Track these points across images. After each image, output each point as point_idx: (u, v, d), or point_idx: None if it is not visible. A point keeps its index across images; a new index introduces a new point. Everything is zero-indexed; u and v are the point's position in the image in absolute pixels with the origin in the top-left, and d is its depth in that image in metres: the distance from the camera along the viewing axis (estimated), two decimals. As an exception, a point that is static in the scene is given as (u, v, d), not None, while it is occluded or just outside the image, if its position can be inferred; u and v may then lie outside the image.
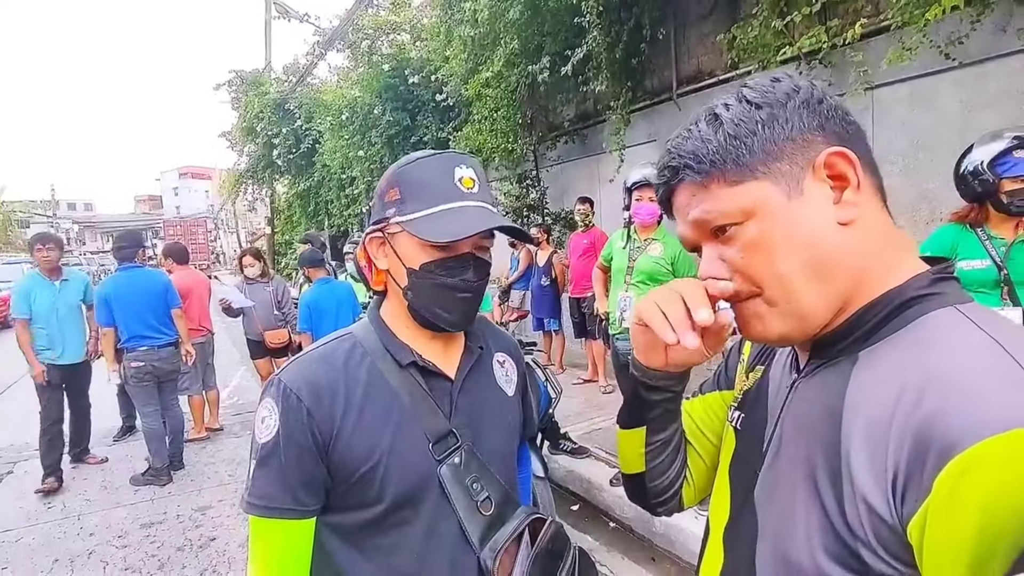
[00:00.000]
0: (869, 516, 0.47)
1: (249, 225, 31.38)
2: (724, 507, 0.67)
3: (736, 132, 0.56)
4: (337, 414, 0.87)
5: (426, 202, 0.89)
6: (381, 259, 0.96)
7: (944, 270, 0.55)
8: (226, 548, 3.29)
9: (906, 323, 0.52)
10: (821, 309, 0.55)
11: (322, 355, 0.93)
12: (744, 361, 0.77)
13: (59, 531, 3.59)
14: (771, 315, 0.57)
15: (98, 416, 4.83)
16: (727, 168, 0.56)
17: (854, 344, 0.55)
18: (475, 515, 0.92)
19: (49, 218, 41.41)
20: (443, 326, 0.94)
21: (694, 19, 5.56)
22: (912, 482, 0.44)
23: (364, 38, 9.33)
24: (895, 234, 0.57)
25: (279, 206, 17.12)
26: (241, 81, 13.99)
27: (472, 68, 6.49)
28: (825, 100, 0.57)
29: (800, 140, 0.55)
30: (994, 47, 3.61)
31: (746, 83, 0.59)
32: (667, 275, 3.11)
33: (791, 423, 0.59)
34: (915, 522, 0.43)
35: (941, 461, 0.42)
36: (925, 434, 0.44)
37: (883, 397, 0.48)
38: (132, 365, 4.18)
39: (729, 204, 0.57)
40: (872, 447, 0.47)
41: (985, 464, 0.40)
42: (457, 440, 0.93)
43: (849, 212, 0.54)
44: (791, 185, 0.55)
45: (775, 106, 0.56)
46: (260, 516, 0.87)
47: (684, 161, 0.59)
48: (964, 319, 0.50)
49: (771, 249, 0.55)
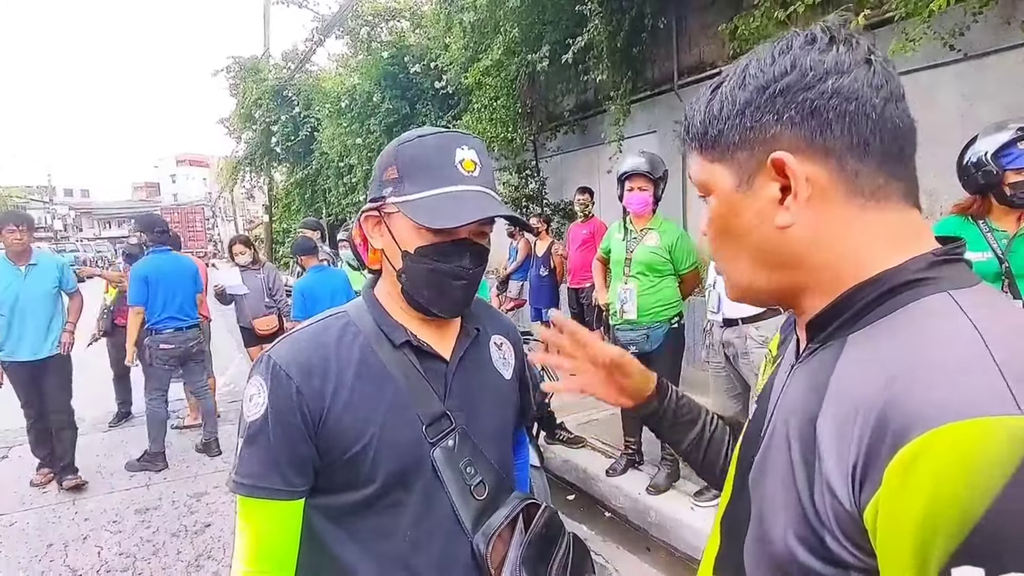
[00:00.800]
0: (832, 501, 0.46)
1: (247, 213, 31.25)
2: (727, 494, 0.68)
3: (717, 112, 0.58)
4: (328, 392, 0.85)
5: (424, 184, 0.86)
6: (376, 238, 0.94)
7: (950, 252, 0.53)
8: (221, 534, 3.30)
9: (897, 307, 0.51)
10: (766, 286, 0.60)
11: (314, 332, 0.91)
12: (770, 356, 0.77)
13: (53, 516, 3.59)
14: (727, 276, 0.64)
15: (94, 401, 4.83)
16: (705, 144, 0.60)
17: (844, 327, 0.54)
18: (468, 499, 0.91)
19: (45, 204, 41.27)
20: (436, 312, 0.92)
21: (696, 9, 5.52)
22: (869, 468, 0.43)
23: (363, 25, 9.26)
24: (872, 221, 0.54)
25: (277, 194, 17.04)
26: (239, 67, 13.88)
27: (472, 56, 6.45)
28: (823, 81, 0.52)
29: (764, 133, 0.55)
30: (997, 40, 3.59)
31: (759, 50, 0.57)
32: (665, 264, 3.09)
33: (782, 407, 0.59)
34: (870, 509, 0.43)
35: (894, 448, 0.41)
36: (884, 421, 0.43)
37: (857, 382, 0.48)
38: (162, 347, 4.20)
39: (702, 176, 0.61)
40: (840, 433, 0.47)
41: (933, 453, 0.39)
42: (451, 423, 0.92)
43: (784, 218, 0.55)
44: (743, 177, 0.57)
45: (757, 91, 0.55)
46: (247, 496, 0.85)
47: (685, 122, 0.64)
48: (954, 306, 0.48)
49: (716, 229, 0.61)
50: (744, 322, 2.84)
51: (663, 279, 3.10)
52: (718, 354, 3.00)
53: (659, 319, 3.08)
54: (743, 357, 2.85)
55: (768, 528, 0.54)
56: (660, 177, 3.11)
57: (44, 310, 3.89)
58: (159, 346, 4.20)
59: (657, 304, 3.08)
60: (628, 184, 3.13)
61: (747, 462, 0.63)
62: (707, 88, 0.61)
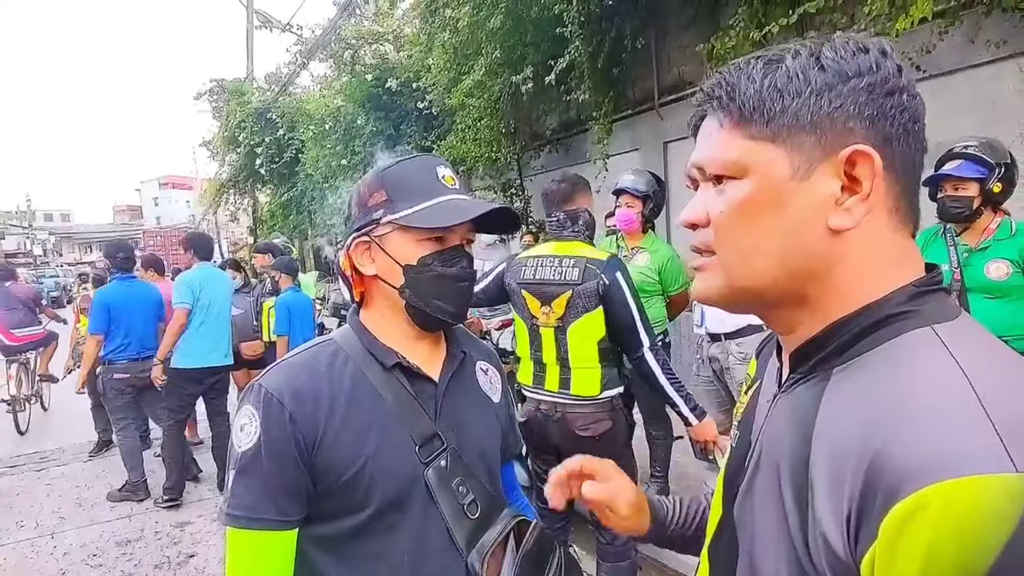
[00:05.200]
0: (826, 550, 0.45)
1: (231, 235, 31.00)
2: (714, 523, 0.66)
3: (784, 85, 0.52)
4: (321, 418, 0.86)
5: (417, 199, 0.91)
6: (367, 265, 0.95)
7: (929, 280, 0.52)
8: (206, 565, 3.22)
9: (879, 343, 0.49)
10: (771, 290, 0.54)
11: (304, 360, 0.93)
12: (747, 379, 0.76)
13: (31, 550, 3.49)
14: (717, 275, 0.56)
15: (74, 430, 4.72)
16: (754, 119, 0.53)
17: (829, 359, 0.52)
18: (462, 519, 0.92)
19: (24, 229, 40.62)
20: (444, 319, 0.95)
21: (675, 29, 5.64)
22: (863, 521, 0.43)
23: (346, 48, 9.31)
24: (899, 255, 0.53)
25: (262, 216, 16.95)
26: (222, 90, 13.89)
27: (455, 77, 6.51)
28: (899, 94, 0.51)
29: (840, 123, 0.50)
30: (963, 59, 3.71)
31: (834, 40, 0.53)
32: (654, 286, 3.10)
33: (767, 440, 0.57)
34: (866, 561, 0.42)
35: (888, 502, 0.41)
36: (875, 471, 0.42)
37: (847, 427, 0.46)
38: (116, 377, 4.08)
39: (734, 155, 0.54)
40: (832, 480, 0.46)
41: (930, 512, 0.39)
42: (443, 443, 0.93)
43: (843, 219, 0.51)
44: (802, 164, 0.51)
45: (839, 76, 0.51)
46: (241, 528, 0.85)
47: (721, 91, 0.55)
48: (937, 343, 0.47)
49: (747, 217, 0.53)
50: (726, 337, 2.86)
51: (650, 299, 3.12)
52: (707, 368, 3.02)
53: None
54: (727, 372, 2.87)
55: (759, 565, 0.54)
56: (647, 194, 3.13)
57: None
58: (112, 376, 4.08)
59: None
60: (619, 200, 3.17)
61: (731, 491, 0.62)
62: (753, 60, 0.55)
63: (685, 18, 5.45)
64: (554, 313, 2.10)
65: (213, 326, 3.99)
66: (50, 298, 22.14)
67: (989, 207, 2.33)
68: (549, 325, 2.13)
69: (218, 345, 4.04)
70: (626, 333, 2.07)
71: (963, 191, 2.28)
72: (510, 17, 5.55)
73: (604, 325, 2.07)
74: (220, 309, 4.06)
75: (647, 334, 2.07)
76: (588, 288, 2.04)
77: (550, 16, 5.35)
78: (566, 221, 2.18)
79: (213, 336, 3.99)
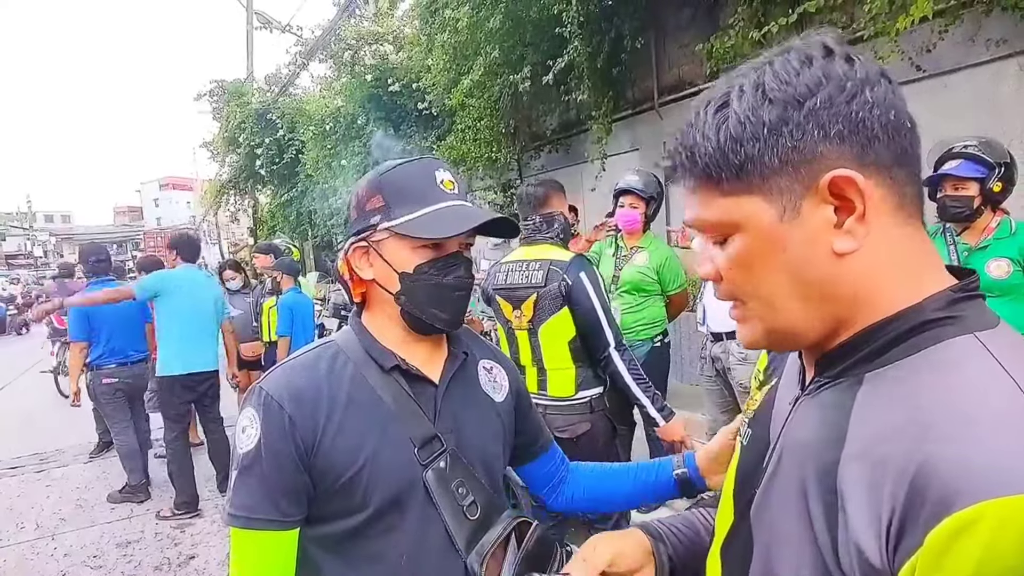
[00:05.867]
0: (859, 558, 0.44)
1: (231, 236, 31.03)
2: (726, 523, 0.65)
3: (738, 134, 0.50)
4: (320, 420, 0.87)
5: (414, 205, 0.90)
6: (366, 269, 0.96)
7: (967, 287, 0.51)
8: (206, 566, 3.22)
9: (919, 348, 0.48)
10: (808, 327, 0.53)
11: (304, 362, 0.93)
12: (759, 376, 0.75)
13: (32, 552, 3.49)
14: (755, 323, 0.55)
15: (74, 431, 4.72)
16: (721, 176, 0.52)
17: (860, 364, 0.51)
18: (461, 520, 0.92)
19: (25, 230, 40.68)
20: (439, 326, 0.95)
21: (674, 29, 5.64)
22: (906, 529, 0.41)
23: (346, 49, 9.32)
24: (915, 250, 0.51)
25: (262, 216, 16.97)
26: (223, 91, 13.89)
27: (454, 78, 6.51)
28: (861, 93, 0.48)
29: (808, 152, 0.49)
30: (963, 58, 3.70)
31: (773, 62, 0.51)
32: (652, 285, 3.10)
33: (790, 443, 0.56)
34: (905, 570, 0.41)
35: (937, 514, 0.39)
36: (923, 481, 0.40)
37: (886, 432, 0.45)
38: (104, 381, 4.05)
39: (715, 215, 0.53)
40: (870, 488, 0.44)
41: (983, 528, 0.37)
42: (442, 444, 0.93)
43: (847, 243, 0.49)
44: (787, 204, 0.50)
45: (790, 105, 0.49)
46: (242, 528, 0.86)
47: (679, 159, 0.55)
48: (983, 351, 0.45)
49: (753, 268, 0.52)
50: (727, 337, 2.86)
51: (649, 298, 3.12)
52: (709, 367, 3.02)
53: (640, 338, 3.08)
54: (729, 372, 2.87)
55: (776, 568, 0.53)
56: (652, 196, 3.13)
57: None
58: (101, 381, 4.03)
59: (638, 324, 3.09)
60: (620, 200, 3.16)
61: (747, 493, 0.60)
62: (702, 110, 0.54)
63: (685, 18, 5.45)
64: (524, 316, 2.13)
65: (194, 331, 3.78)
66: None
67: (989, 206, 2.33)
68: (522, 328, 2.16)
69: (202, 350, 3.85)
70: (591, 332, 2.08)
71: (963, 191, 2.28)
72: (509, 17, 5.55)
73: (573, 325, 2.09)
74: (199, 313, 3.84)
75: (612, 333, 2.08)
76: (551, 290, 2.07)
77: (549, 16, 5.35)
78: (542, 224, 2.20)
79: (195, 341, 3.79)
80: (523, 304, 2.12)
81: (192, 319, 3.79)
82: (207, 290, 4.01)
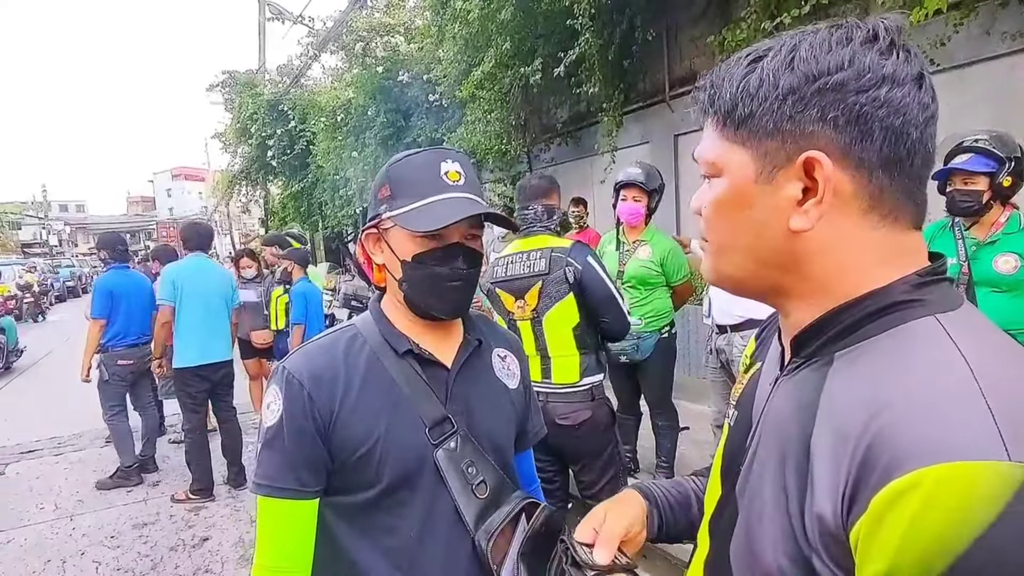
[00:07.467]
0: (820, 526, 0.47)
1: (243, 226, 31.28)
2: (713, 499, 0.69)
3: (754, 90, 0.53)
4: (336, 398, 0.92)
5: (414, 196, 0.94)
6: (378, 255, 1.02)
7: (934, 271, 0.53)
8: (219, 548, 3.30)
9: (884, 329, 0.51)
10: (753, 285, 0.59)
11: (323, 345, 0.99)
12: (746, 361, 0.78)
13: (51, 532, 3.59)
14: (710, 261, 0.61)
15: (91, 417, 4.82)
16: (729, 120, 0.55)
17: (830, 344, 0.54)
18: (471, 498, 0.96)
19: (41, 219, 41.17)
20: (437, 315, 0.99)
21: (686, 22, 5.61)
22: (857, 494, 0.44)
23: (358, 40, 9.34)
24: (877, 243, 0.53)
25: (273, 207, 17.09)
26: (234, 82, 13.99)
27: (465, 69, 6.52)
28: (875, 90, 0.49)
29: (802, 127, 0.51)
30: (978, 51, 3.66)
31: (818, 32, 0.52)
32: (657, 278, 3.12)
33: (770, 421, 0.59)
34: (855, 531, 0.44)
35: (883, 479, 0.42)
36: (876, 450, 0.44)
37: (850, 409, 0.48)
38: (120, 363, 4.15)
39: (711, 154, 0.57)
40: (833, 459, 0.47)
41: (921, 490, 0.40)
42: (453, 425, 0.97)
43: (800, 221, 0.52)
44: (766, 168, 0.53)
45: (806, 78, 0.50)
46: (266, 496, 0.92)
47: (704, 95, 0.59)
48: (941, 332, 0.48)
49: (721, 213, 0.58)
50: (732, 329, 2.88)
51: (654, 291, 3.14)
52: (715, 359, 3.04)
53: (648, 329, 3.10)
54: (732, 364, 2.89)
55: (755, 540, 0.55)
56: (655, 189, 3.13)
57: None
58: (117, 362, 4.15)
59: (646, 316, 3.11)
60: (622, 193, 3.16)
61: (733, 470, 0.63)
62: (742, 57, 0.55)
63: (696, 10, 5.42)
64: (528, 305, 2.16)
65: (207, 321, 3.83)
66: (66, 288, 22.56)
67: (998, 201, 2.32)
68: (525, 318, 2.18)
69: (216, 339, 3.89)
70: (608, 311, 2.13)
71: (972, 185, 2.27)
72: (520, 9, 5.55)
73: (577, 311, 2.12)
74: (211, 302, 3.87)
75: (626, 307, 2.19)
76: (556, 276, 2.09)
77: (560, 8, 5.34)
78: (543, 214, 2.23)
79: (209, 331, 3.84)
80: (527, 293, 2.15)
81: (204, 309, 3.82)
82: (215, 278, 4.03)
